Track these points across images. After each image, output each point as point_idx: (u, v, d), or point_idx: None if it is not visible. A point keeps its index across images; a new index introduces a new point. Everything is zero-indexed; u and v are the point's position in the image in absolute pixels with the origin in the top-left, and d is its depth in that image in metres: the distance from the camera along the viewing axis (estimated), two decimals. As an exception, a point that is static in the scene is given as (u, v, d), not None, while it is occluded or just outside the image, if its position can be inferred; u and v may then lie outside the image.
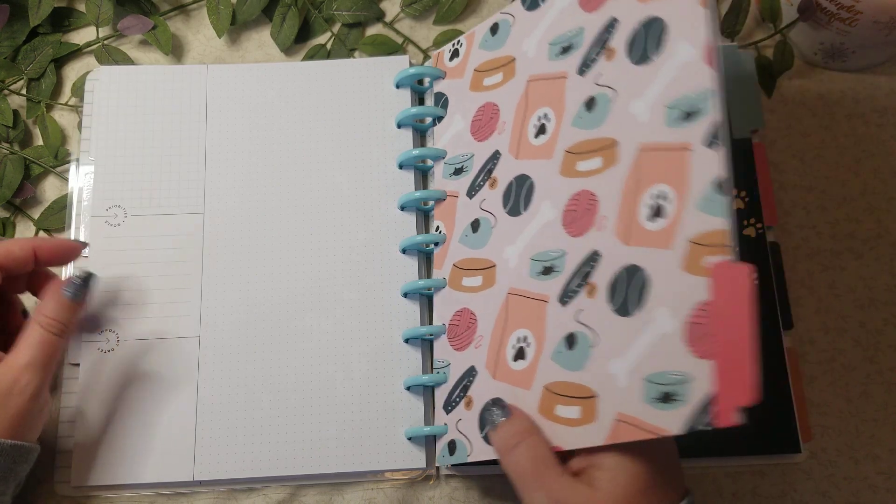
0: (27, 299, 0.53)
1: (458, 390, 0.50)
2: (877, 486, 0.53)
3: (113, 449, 0.51)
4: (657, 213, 0.39)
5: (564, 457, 0.42)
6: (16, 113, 0.60)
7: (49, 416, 0.49)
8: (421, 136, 0.59)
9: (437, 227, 0.55)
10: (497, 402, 0.45)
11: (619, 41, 0.44)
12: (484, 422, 0.46)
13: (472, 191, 0.52)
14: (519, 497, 0.42)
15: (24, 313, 0.52)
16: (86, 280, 0.49)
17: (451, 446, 0.49)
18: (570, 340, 0.43)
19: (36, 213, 0.58)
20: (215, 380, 0.53)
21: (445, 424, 0.50)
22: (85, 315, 0.53)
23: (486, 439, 0.46)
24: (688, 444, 0.50)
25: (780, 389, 0.52)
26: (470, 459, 0.47)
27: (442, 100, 0.57)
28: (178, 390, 0.52)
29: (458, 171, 0.54)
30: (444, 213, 0.54)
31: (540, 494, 0.40)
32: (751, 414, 0.48)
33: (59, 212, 0.58)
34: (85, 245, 0.52)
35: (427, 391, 0.53)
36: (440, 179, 0.56)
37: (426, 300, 0.56)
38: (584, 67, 0.46)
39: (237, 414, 0.52)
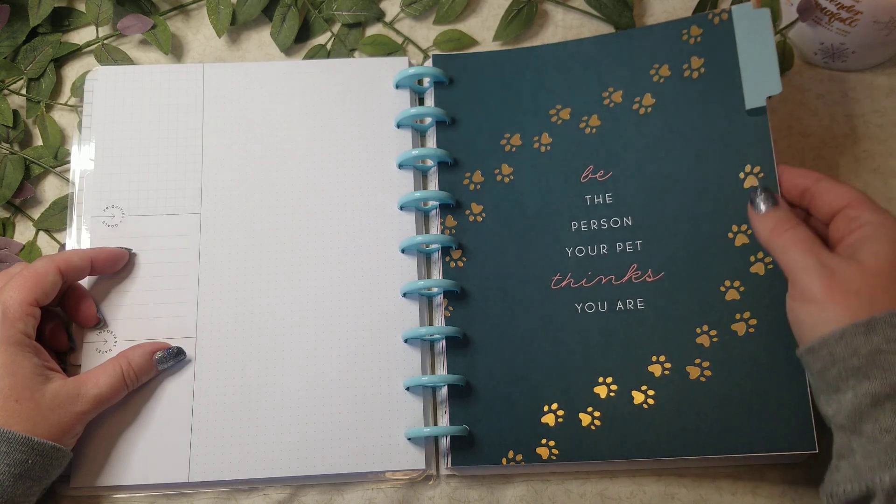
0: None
1: None
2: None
3: (111, 450, 0.51)
4: None
5: None
6: (16, 113, 0.60)
7: None
8: (420, 136, 0.59)
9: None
10: (766, 190, 0.49)
11: None
12: (752, 202, 0.50)
13: None
14: (786, 270, 0.46)
15: (70, 338, 0.53)
16: (177, 354, 0.52)
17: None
18: None
19: (36, 214, 0.58)
20: (212, 381, 0.53)
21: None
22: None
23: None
24: (694, 441, 0.51)
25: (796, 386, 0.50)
26: None
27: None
28: (175, 391, 0.52)
29: None
30: None
31: (812, 259, 0.45)
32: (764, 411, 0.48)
33: (60, 212, 0.58)
34: (130, 251, 0.55)
35: (427, 391, 0.53)
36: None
37: (426, 300, 0.56)
38: None
39: (234, 415, 0.52)
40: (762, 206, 0.49)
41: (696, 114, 0.55)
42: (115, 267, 0.54)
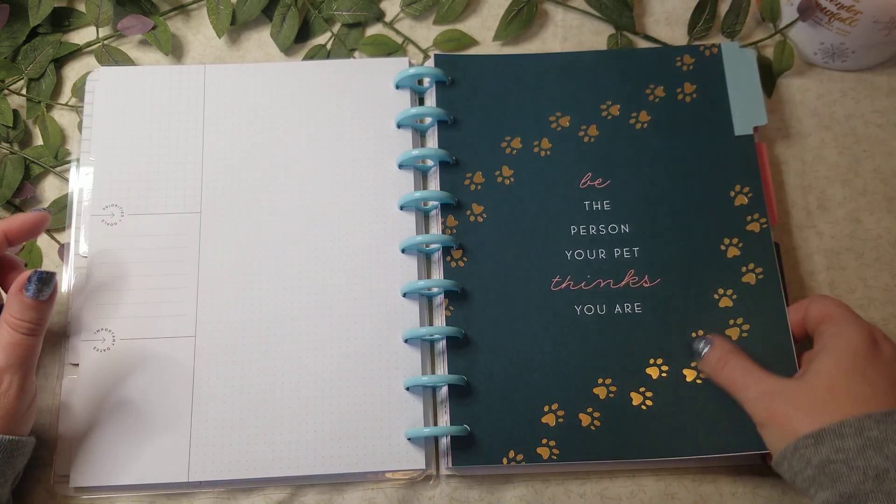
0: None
1: None
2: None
3: (110, 449, 0.51)
4: None
5: None
6: (16, 113, 0.60)
7: (37, 410, 0.49)
8: (421, 136, 0.59)
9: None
10: (701, 337, 0.52)
11: None
12: (692, 353, 0.53)
13: None
14: (738, 401, 0.49)
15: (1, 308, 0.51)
16: (44, 278, 0.47)
17: None
18: None
19: (36, 213, 0.58)
20: (211, 380, 0.53)
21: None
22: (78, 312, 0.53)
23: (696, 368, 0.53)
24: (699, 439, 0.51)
25: None
26: None
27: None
28: (174, 390, 0.52)
29: None
30: None
31: (752, 390, 0.48)
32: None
33: (60, 212, 0.58)
34: (49, 213, 0.51)
35: (427, 391, 0.53)
36: None
37: (426, 300, 0.56)
38: None
39: (233, 414, 0.52)
40: (701, 351, 0.51)
41: (688, 134, 0.58)
42: (35, 231, 0.50)
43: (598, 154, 0.58)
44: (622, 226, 0.56)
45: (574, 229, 0.56)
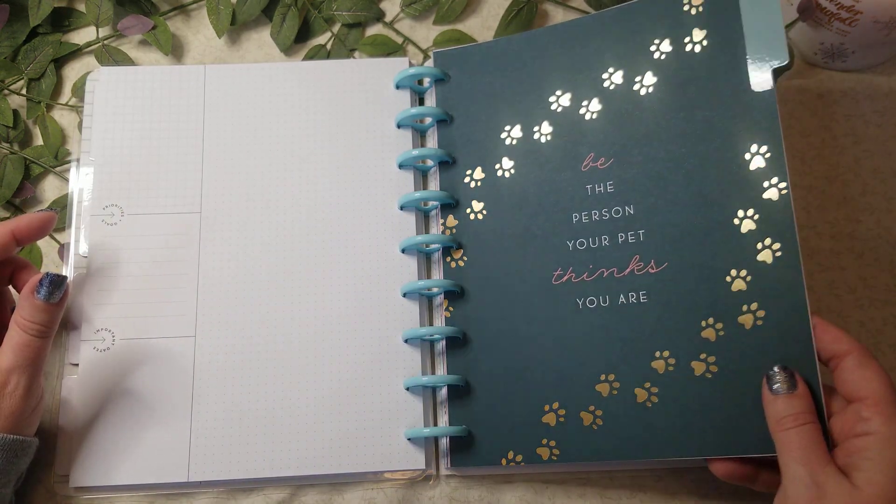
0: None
1: None
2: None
3: (110, 449, 0.51)
4: None
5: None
6: (16, 113, 0.60)
7: (43, 411, 0.50)
8: (421, 136, 0.59)
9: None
10: (787, 371, 0.46)
11: None
12: (768, 379, 0.46)
13: None
14: (780, 468, 0.44)
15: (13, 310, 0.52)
16: (55, 281, 0.48)
17: None
18: None
19: (36, 213, 0.58)
20: (211, 380, 0.53)
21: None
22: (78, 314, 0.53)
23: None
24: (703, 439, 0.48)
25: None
26: None
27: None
28: (173, 390, 0.52)
29: None
30: None
31: (804, 471, 0.42)
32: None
33: (59, 212, 0.58)
34: (56, 212, 0.51)
35: (427, 391, 0.53)
36: None
37: (426, 300, 0.56)
38: None
39: (233, 415, 0.52)
40: (779, 389, 0.45)
41: (699, 90, 0.51)
42: (43, 231, 0.50)
43: (600, 131, 0.54)
44: (626, 207, 0.52)
45: (576, 217, 0.53)
